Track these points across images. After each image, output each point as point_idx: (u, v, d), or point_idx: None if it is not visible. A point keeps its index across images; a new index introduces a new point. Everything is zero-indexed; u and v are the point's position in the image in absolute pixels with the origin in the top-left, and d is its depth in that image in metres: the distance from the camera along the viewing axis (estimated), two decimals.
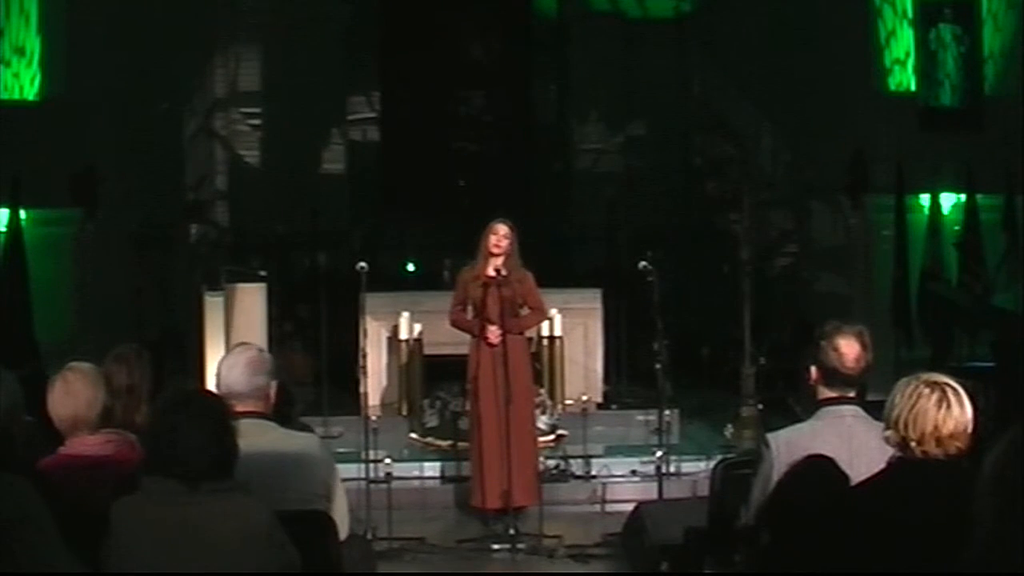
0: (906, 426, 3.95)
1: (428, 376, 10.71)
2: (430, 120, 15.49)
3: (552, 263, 13.00)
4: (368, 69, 15.67)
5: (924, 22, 13.75)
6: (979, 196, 13.11)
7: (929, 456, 3.93)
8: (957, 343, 12.45)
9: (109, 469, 4.51)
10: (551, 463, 9.84)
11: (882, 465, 4.08)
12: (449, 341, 9.76)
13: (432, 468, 10.11)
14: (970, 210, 13.11)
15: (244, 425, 4.23)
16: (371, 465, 8.98)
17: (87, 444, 4.68)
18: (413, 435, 10.41)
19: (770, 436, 4.86)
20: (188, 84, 15.35)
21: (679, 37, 15.60)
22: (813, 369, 4.87)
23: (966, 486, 3.43)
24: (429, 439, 10.28)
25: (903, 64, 13.78)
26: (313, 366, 12.13)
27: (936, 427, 3.92)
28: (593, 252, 14.99)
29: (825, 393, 4.86)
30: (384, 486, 8.67)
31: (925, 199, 13.36)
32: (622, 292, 12.02)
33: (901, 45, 13.80)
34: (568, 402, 10.49)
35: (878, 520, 3.91)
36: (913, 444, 3.94)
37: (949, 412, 3.93)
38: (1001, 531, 3.11)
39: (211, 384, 4.87)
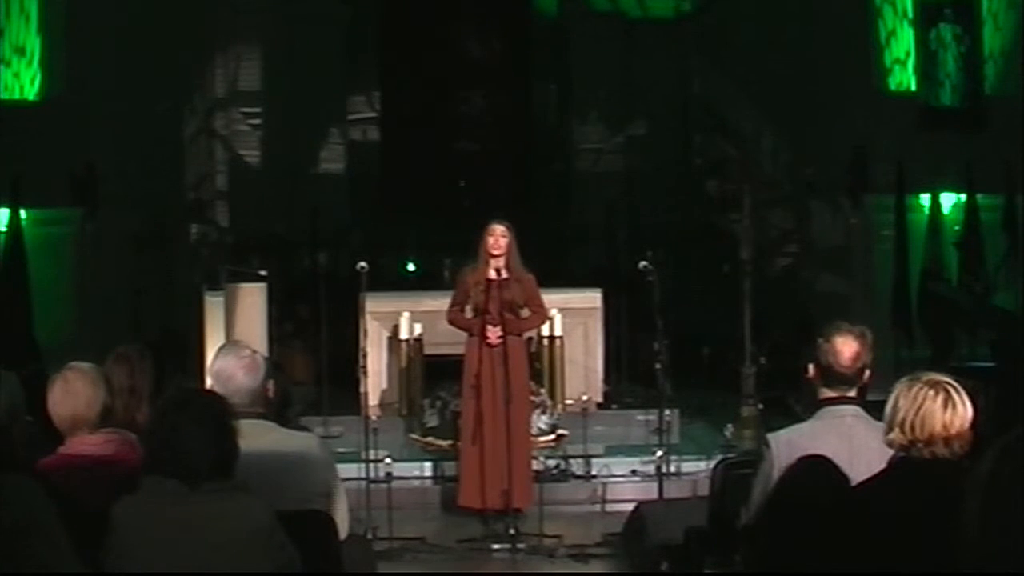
0: (912, 428, 3.96)
1: (428, 376, 10.69)
2: (430, 120, 15.49)
3: (552, 263, 12.98)
4: (368, 69, 15.67)
5: (924, 22, 13.75)
6: (979, 196, 13.11)
7: (937, 456, 3.95)
8: (957, 343, 12.44)
9: (109, 469, 4.51)
10: (551, 463, 9.84)
11: (882, 465, 4.09)
12: (449, 341, 9.75)
13: (432, 468, 10.12)
14: (970, 210, 13.11)
15: (244, 425, 4.23)
16: (371, 465, 8.98)
17: (87, 444, 4.68)
18: (413, 435, 10.41)
19: (770, 436, 4.87)
20: (188, 84, 15.35)
21: (679, 37, 15.60)
22: (811, 367, 4.89)
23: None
24: (429, 439, 10.27)
25: (903, 64, 13.78)
26: (313, 366, 12.12)
27: (944, 427, 3.95)
28: (593, 252, 14.99)
29: (825, 393, 4.86)
30: (384, 486, 8.67)
31: (925, 199, 13.36)
32: (622, 292, 12.01)
33: (901, 45, 13.80)
34: (568, 402, 10.47)
35: (879, 520, 3.91)
36: (920, 445, 3.96)
37: (955, 412, 3.97)
38: (989, 531, 3.11)
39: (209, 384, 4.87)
